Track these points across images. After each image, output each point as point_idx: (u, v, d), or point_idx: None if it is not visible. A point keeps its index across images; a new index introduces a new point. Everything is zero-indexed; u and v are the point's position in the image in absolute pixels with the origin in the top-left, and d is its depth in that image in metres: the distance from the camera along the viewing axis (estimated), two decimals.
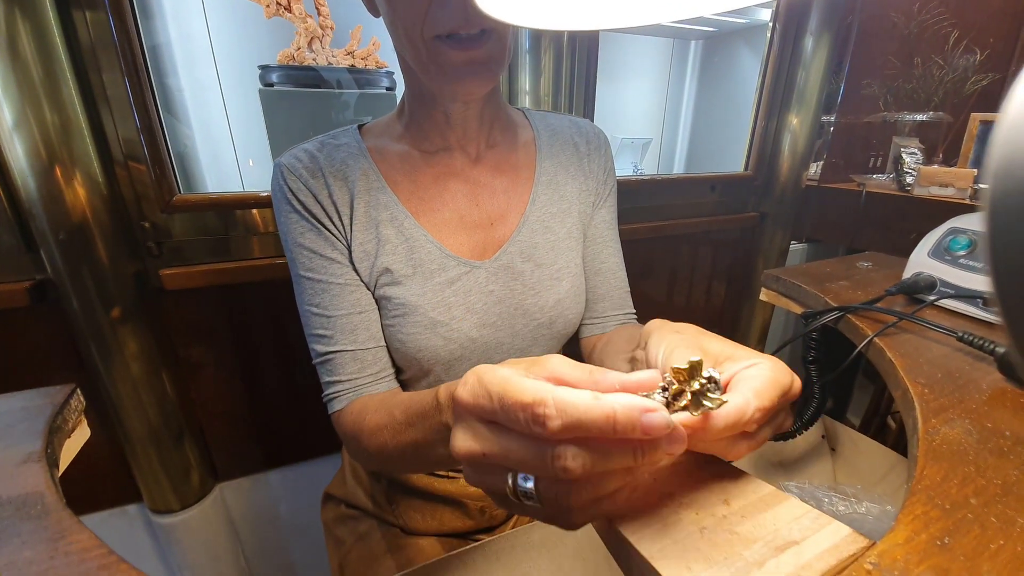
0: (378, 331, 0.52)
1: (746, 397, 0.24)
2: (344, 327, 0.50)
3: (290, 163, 0.49)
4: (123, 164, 0.69)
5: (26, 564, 0.20)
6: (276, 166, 0.50)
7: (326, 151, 0.50)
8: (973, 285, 0.45)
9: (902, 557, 0.21)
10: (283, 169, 0.49)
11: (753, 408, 0.24)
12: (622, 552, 0.26)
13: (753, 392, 0.24)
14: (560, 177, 0.58)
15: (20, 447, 0.27)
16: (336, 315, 0.50)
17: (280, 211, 0.50)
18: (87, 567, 0.20)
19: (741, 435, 0.26)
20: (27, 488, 0.24)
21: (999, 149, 0.14)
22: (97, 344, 0.70)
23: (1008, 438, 0.28)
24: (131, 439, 0.76)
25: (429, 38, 0.42)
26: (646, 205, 1.11)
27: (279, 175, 0.49)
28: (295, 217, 0.49)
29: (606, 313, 0.62)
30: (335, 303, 0.50)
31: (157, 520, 0.81)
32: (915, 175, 1.10)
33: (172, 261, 0.74)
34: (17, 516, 0.22)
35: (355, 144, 0.52)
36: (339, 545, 0.65)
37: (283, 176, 0.49)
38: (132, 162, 0.69)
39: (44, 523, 0.22)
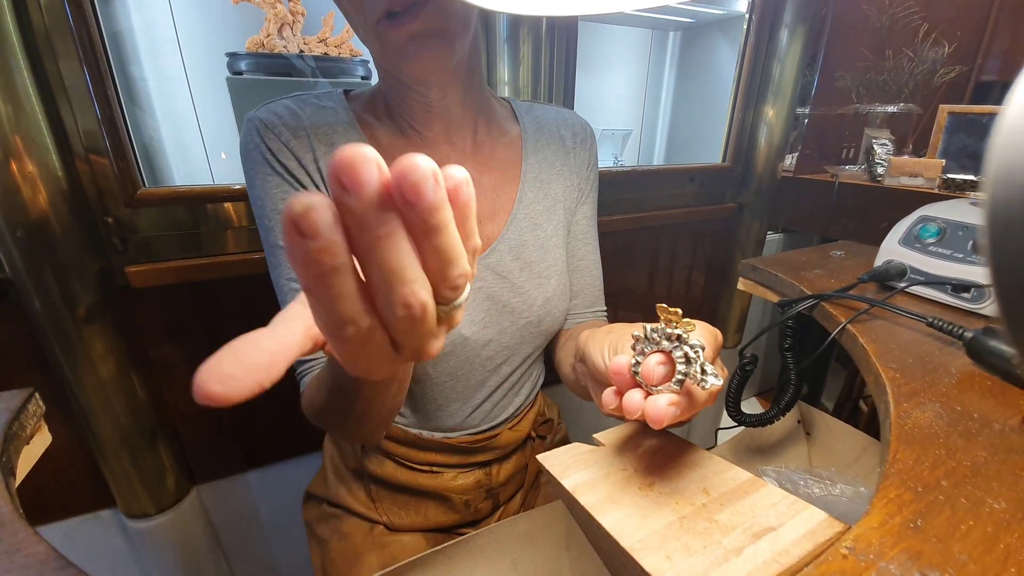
0: None
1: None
2: None
3: (268, 118, 0.44)
4: (84, 157, 0.65)
5: None
6: (249, 120, 0.45)
7: (309, 110, 0.46)
8: (942, 272, 0.46)
9: (877, 540, 0.22)
10: (259, 124, 0.44)
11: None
12: (603, 543, 0.26)
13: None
14: (546, 173, 0.57)
15: None
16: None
17: (255, 172, 0.45)
18: None
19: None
20: None
21: (998, 155, 0.14)
22: (62, 345, 0.67)
23: (976, 420, 0.29)
24: (101, 443, 0.73)
25: (373, 22, 0.40)
26: (627, 197, 1.12)
27: (254, 131, 0.44)
28: (275, 180, 0.44)
29: (576, 310, 0.62)
30: None
31: (132, 525, 0.79)
32: (886, 165, 1.13)
33: (139, 258, 0.71)
34: None
35: (343, 110, 0.48)
36: (322, 544, 0.64)
37: (259, 133, 0.44)
38: (93, 155, 0.66)
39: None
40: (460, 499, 0.61)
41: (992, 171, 0.14)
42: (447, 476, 0.60)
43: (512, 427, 0.62)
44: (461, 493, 0.61)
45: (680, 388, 0.25)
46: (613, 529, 0.24)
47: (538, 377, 0.67)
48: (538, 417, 0.69)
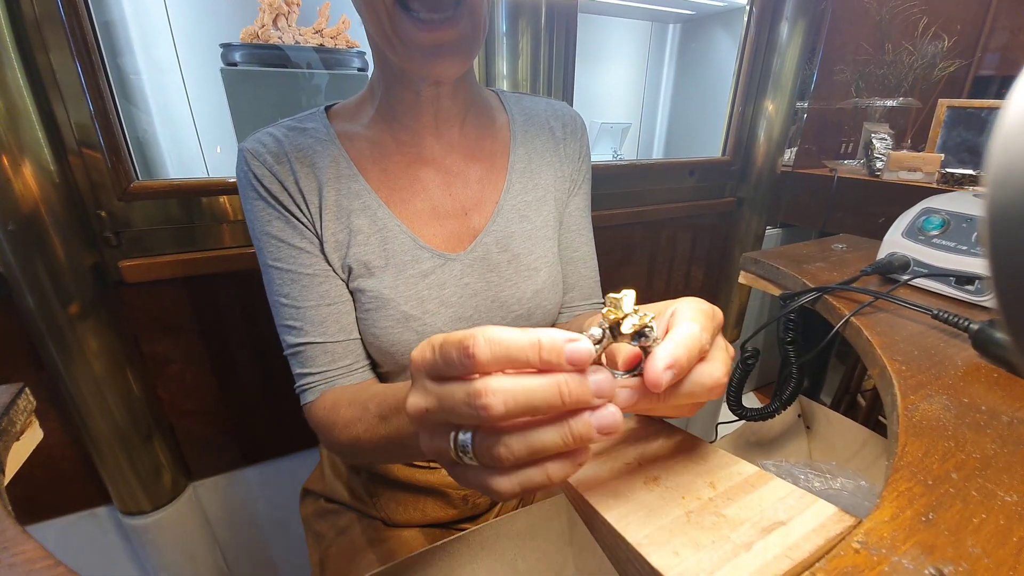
0: (349, 323, 0.50)
1: (686, 324, 0.24)
2: (314, 319, 0.48)
3: (254, 148, 0.47)
4: (76, 151, 0.64)
5: None
6: (240, 151, 0.48)
7: (291, 136, 0.48)
8: (946, 264, 0.46)
9: (889, 535, 0.21)
10: (247, 154, 0.47)
11: (697, 331, 0.24)
12: (607, 539, 0.25)
13: (688, 319, 0.24)
14: (535, 164, 0.57)
15: None
16: (305, 306, 0.48)
17: (246, 198, 0.47)
18: None
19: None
20: None
21: (998, 155, 0.13)
22: (55, 342, 0.66)
23: (984, 412, 0.29)
24: (96, 440, 0.72)
25: (390, 3, 0.39)
26: (626, 191, 1.11)
27: (243, 161, 0.47)
28: (261, 205, 0.47)
29: (574, 303, 0.61)
30: (304, 294, 0.48)
31: (129, 522, 0.78)
32: (885, 160, 1.13)
33: (132, 252, 0.70)
34: None
35: (323, 129, 0.49)
36: (319, 540, 0.64)
37: (247, 162, 0.46)
38: (86, 149, 0.65)
39: None
40: (458, 494, 0.61)
41: (992, 172, 0.13)
42: (444, 471, 0.60)
43: None
44: (459, 488, 0.60)
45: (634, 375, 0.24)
46: (619, 525, 0.24)
47: None
48: None
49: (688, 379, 0.24)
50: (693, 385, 0.24)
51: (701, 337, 0.24)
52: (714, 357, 0.25)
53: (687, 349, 0.23)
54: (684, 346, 0.23)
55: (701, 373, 0.24)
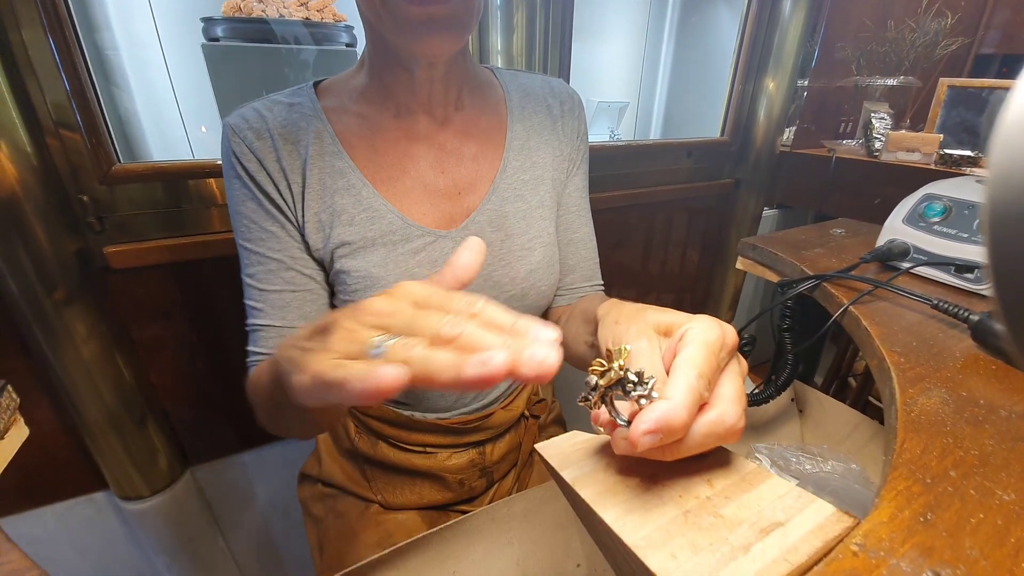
0: (311, 312, 0.49)
1: (679, 387, 0.23)
2: (275, 302, 0.48)
3: (236, 124, 0.45)
4: (54, 132, 0.62)
5: None
6: (223, 126, 0.46)
7: (276, 111, 0.46)
8: (947, 252, 0.45)
9: (887, 536, 0.21)
10: (229, 129, 0.45)
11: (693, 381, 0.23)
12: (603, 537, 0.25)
13: (687, 363, 0.24)
14: (533, 142, 0.55)
15: None
16: (268, 290, 0.47)
17: (226, 175, 0.47)
18: None
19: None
20: None
21: (998, 156, 0.13)
22: (41, 328, 0.65)
23: (982, 407, 0.29)
24: (89, 426, 0.72)
25: None
26: (622, 172, 1.09)
27: (225, 136, 0.46)
28: (238, 183, 0.46)
29: (574, 285, 0.60)
30: (269, 278, 0.47)
31: (127, 507, 0.78)
32: (883, 140, 1.11)
33: (117, 238, 0.68)
34: None
35: (309, 104, 0.48)
36: (317, 523, 0.65)
37: (228, 138, 0.45)
38: (64, 130, 0.62)
39: None
40: (454, 478, 0.61)
41: (992, 173, 0.13)
42: (441, 456, 0.60)
43: (505, 407, 0.62)
44: (455, 472, 0.61)
45: (626, 424, 0.24)
46: (615, 525, 0.24)
47: None
48: (532, 396, 0.68)
49: (695, 431, 0.23)
50: (703, 437, 0.23)
51: (697, 386, 0.23)
52: (724, 397, 0.24)
53: (677, 409, 0.22)
54: (677, 406, 0.22)
55: (710, 421, 0.23)
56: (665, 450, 0.24)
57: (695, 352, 0.25)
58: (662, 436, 0.22)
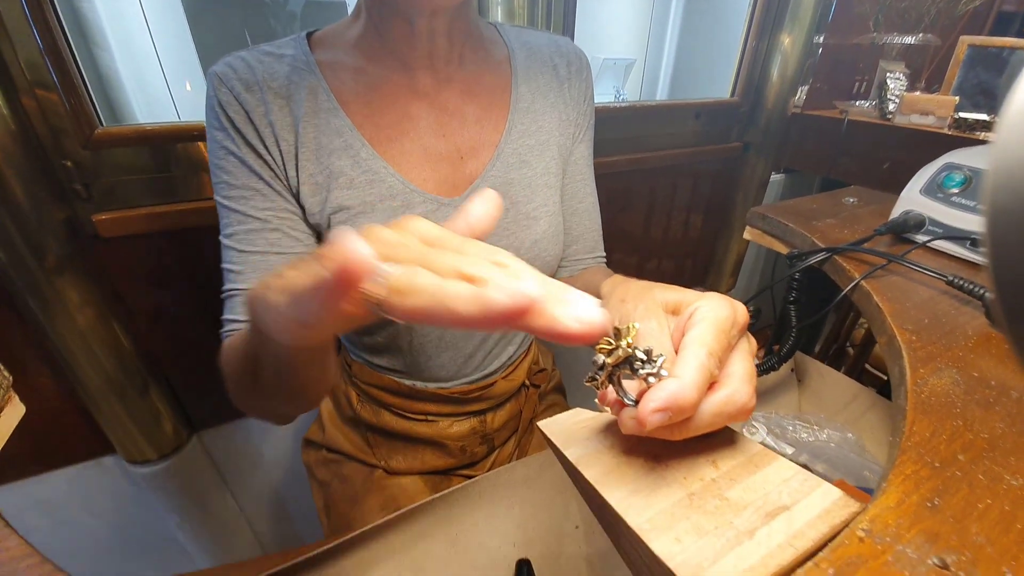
0: None
1: (689, 366, 0.22)
2: (257, 265, 0.45)
3: (223, 72, 0.42)
4: (29, 92, 0.58)
5: None
6: (208, 74, 0.43)
7: (266, 63, 0.43)
8: (964, 224, 0.44)
9: (893, 522, 0.21)
10: (215, 78, 0.42)
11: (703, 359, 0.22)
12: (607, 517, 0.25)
13: (697, 342, 0.23)
14: (538, 104, 0.52)
15: None
16: (249, 251, 0.45)
17: (208, 126, 0.44)
18: None
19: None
20: None
21: (999, 158, 0.12)
22: (34, 297, 0.64)
23: (994, 388, 0.28)
24: (90, 392, 0.72)
25: None
26: (627, 135, 1.05)
27: (210, 85, 0.42)
28: (221, 135, 0.43)
29: (577, 256, 0.59)
30: (250, 238, 0.45)
31: (135, 470, 0.80)
32: (897, 102, 1.07)
33: (105, 205, 0.66)
34: None
35: (301, 57, 0.44)
36: (323, 486, 0.66)
37: (214, 86, 0.42)
38: (40, 90, 0.59)
39: None
40: (456, 445, 0.62)
41: (993, 175, 0.13)
42: (443, 424, 0.61)
43: (506, 376, 0.62)
44: (457, 439, 0.62)
45: (634, 402, 0.23)
46: (619, 507, 0.23)
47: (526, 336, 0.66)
48: (532, 366, 0.68)
49: (705, 410, 0.22)
50: (713, 416, 0.22)
51: (708, 365, 0.22)
52: (735, 376, 0.23)
53: (686, 388, 0.21)
54: (687, 385, 0.21)
55: (720, 403, 0.22)
56: (673, 429, 0.23)
57: (705, 330, 0.24)
58: (671, 415, 0.21)
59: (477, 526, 0.50)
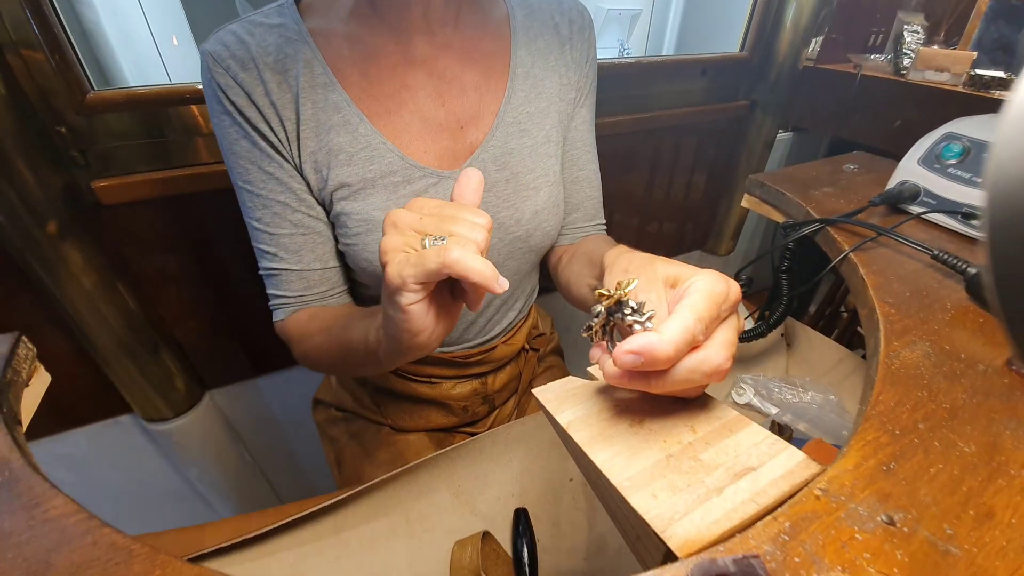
0: (326, 252, 0.49)
1: (673, 325, 0.24)
2: (288, 246, 0.47)
3: (216, 51, 0.41)
4: (15, 50, 0.57)
5: (4, 536, 0.20)
6: (202, 55, 0.42)
7: (258, 35, 0.42)
8: (958, 197, 0.44)
9: (849, 483, 0.23)
10: (209, 59, 0.41)
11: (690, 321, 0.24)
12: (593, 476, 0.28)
13: (688, 308, 0.25)
14: (538, 69, 0.51)
15: None
16: (279, 233, 0.46)
17: (212, 111, 0.43)
18: (69, 533, 0.20)
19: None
20: None
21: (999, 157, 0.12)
22: (39, 261, 0.64)
23: (962, 361, 0.30)
24: (102, 352, 0.74)
25: None
26: (630, 94, 1.02)
27: (206, 67, 0.41)
28: (227, 120, 0.42)
29: (577, 224, 0.59)
30: (276, 221, 0.46)
31: (152, 428, 0.84)
32: (913, 57, 1.03)
33: (103, 171, 0.66)
34: None
35: (293, 26, 0.43)
36: (334, 443, 0.70)
37: (210, 68, 0.41)
38: (25, 50, 0.57)
39: (15, 491, 0.22)
40: (458, 405, 0.65)
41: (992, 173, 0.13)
42: (446, 386, 0.63)
43: (506, 341, 0.64)
44: (459, 400, 0.65)
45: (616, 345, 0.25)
46: (604, 467, 0.26)
47: (531, 291, 0.67)
48: (532, 330, 0.70)
49: (681, 366, 0.24)
50: (688, 372, 0.24)
51: (693, 328, 0.23)
52: (716, 341, 0.25)
53: (664, 342, 0.23)
54: (665, 340, 0.23)
55: (696, 360, 0.24)
56: (651, 382, 0.25)
57: (698, 300, 0.25)
58: (643, 360, 0.23)
59: (478, 479, 0.54)
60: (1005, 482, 0.23)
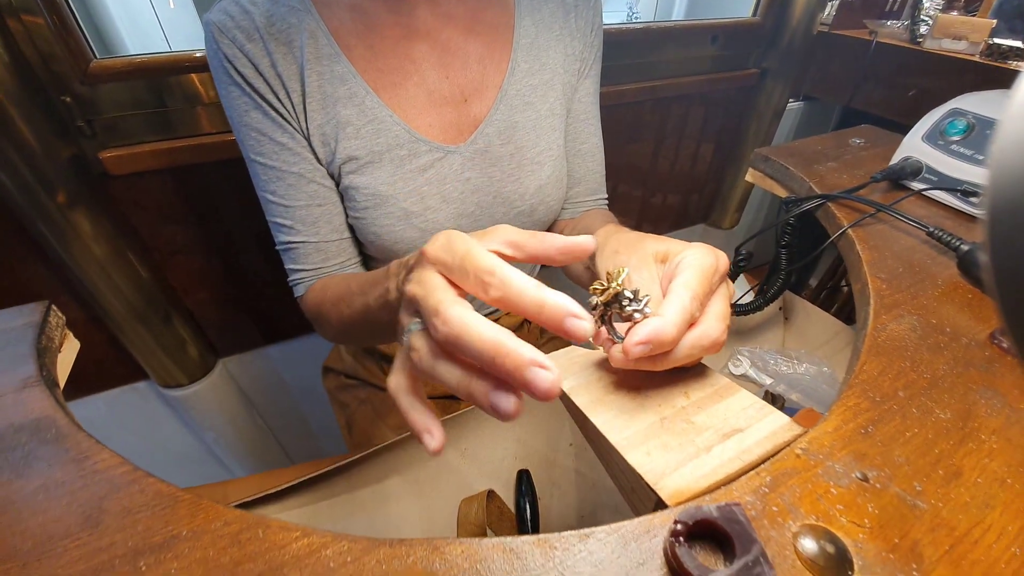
0: (341, 224, 0.49)
1: (673, 307, 0.25)
2: (304, 218, 0.47)
3: (221, 22, 0.40)
4: (14, 15, 0.56)
5: (58, 485, 0.22)
6: (206, 25, 0.41)
7: (260, 5, 0.41)
8: (959, 174, 0.44)
9: (828, 443, 0.25)
10: (213, 29, 0.40)
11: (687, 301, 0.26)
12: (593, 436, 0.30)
13: (683, 286, 0.26)
14: (543, 39, 0.50)
15: (14, 372, 0.28)
16: (294, 206, 0.46)
17: (219, 82, 0.43)
18: (117, 482, 0.22)
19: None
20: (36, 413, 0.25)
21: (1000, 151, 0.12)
22: (50, 230, 0.65)
23: (947, 334, 0.31)
24: (116, 320, 0.76)
25: None
26: (637, 62, 1.00)
27: (210, 38, 0.41)
28: (236, 91, 0.42)
29: (578, 199, 0.60)
30: (291, 193, 0.46)
31: (168, 393, 0.87)
32: (930, 24, 1.00)
33: (109, 141, 0.66)
34: (35, 441, 0.24)
35: None
36: (344, 408, 0.73)
37: (215, 39, 0.41)
38: (25, 15, 0.57)
39: (64, 446, 0.24)
40: None
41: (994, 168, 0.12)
42: None
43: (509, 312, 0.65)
44: None
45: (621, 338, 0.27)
46: (603, 427, 0.28)
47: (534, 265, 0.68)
48: None
49: (683, 343, 0.25)
50: (689, 349, 0.26)
51: (690, 307, 0.25)
52: (711, 315, 0.26)
53: (667, 325, 0.24)
54: (668, 323, 0.24)
55: (695, 336, 0.26)
56: (655, 361, 0.27)
57: (690, 276, 0.27)
58: (652, 347, 0.25)
59: (484, 441, 0.57)
60: (975, 445, 0.25)
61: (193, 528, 0.20)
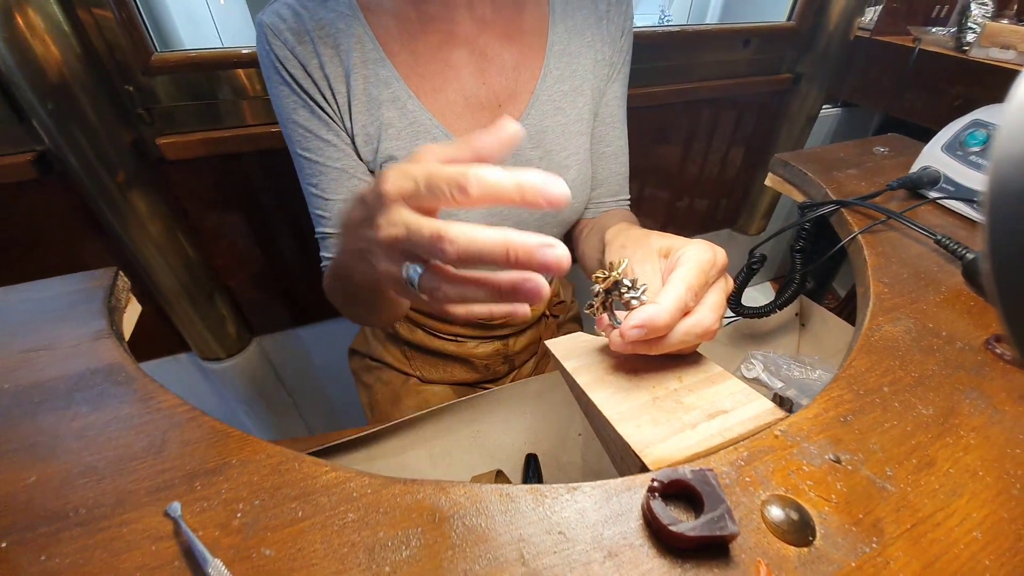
0: None
1: (668, 296, 0.27)
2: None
3: (272, 23, 0.43)
4: (85, 7, 0.62)
5: (128, 418, 0.26)
6: (258, 25, 0.45)
7: (311, 8, 0.44)
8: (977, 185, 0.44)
9: (807, 428, 0.27)
10: (266, 31, 0.44)
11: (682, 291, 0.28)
12: (591, 412, 0.32)
13: (679, 278, 0.28)
14: (574, 46, 0.52)
15: (88, 326, 0.32)
16: (334, 199, 0.49)
17: (269, 80, 0.46)
18: (178, 419, 0.26)
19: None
20: (108, 360, 0.30)
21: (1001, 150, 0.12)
22: (109, 208, 0.72)
23: (942, 338, 0.32)
24: (165, 295, 0.83)
25: None
26: (668, 64, 1.00)
27: (263, 38, 0.44)
28: (285, 90, 0.45)
29: (600, 200, 0.61)
30: (332, 187, 0.48)
31: (208, 366, 0.94)
32: (978, 32, 0.97)
33: (166, 129, 0.72)
34: (109, 382, 0.28)
35: (344, 0, 0.46)
36: (367, 388, 0.77)
37: (267, 39, 0.44)
38: (96, 9, 0.63)
39: (132, 387, 0.28)
40: (481, 363, 0.70)
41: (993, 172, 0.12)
42: (470, 344, 0.68)
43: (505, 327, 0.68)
44: (481, 359, 0.70)
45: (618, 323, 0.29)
46: (600, 403, 0.30)
47: None
48: (553, 297, 0.74)
49: (677, 329, 0.28)
50: (683, 335, 0.28)
51: (684, 296, 0.27)
52: (705, 305, 0.29)
53: (662, 312, 0.27)
54: (662, 310, 0.27)
55: (689, 324, 0.28)
56: (651, 345, 0.29)
57: (688, 269, 0.29)
58: (647, 331, 0.27)
59: (495, 425, 0.59)
60: (952, 440, 0.26)
61: (241, 458, 0.23)
